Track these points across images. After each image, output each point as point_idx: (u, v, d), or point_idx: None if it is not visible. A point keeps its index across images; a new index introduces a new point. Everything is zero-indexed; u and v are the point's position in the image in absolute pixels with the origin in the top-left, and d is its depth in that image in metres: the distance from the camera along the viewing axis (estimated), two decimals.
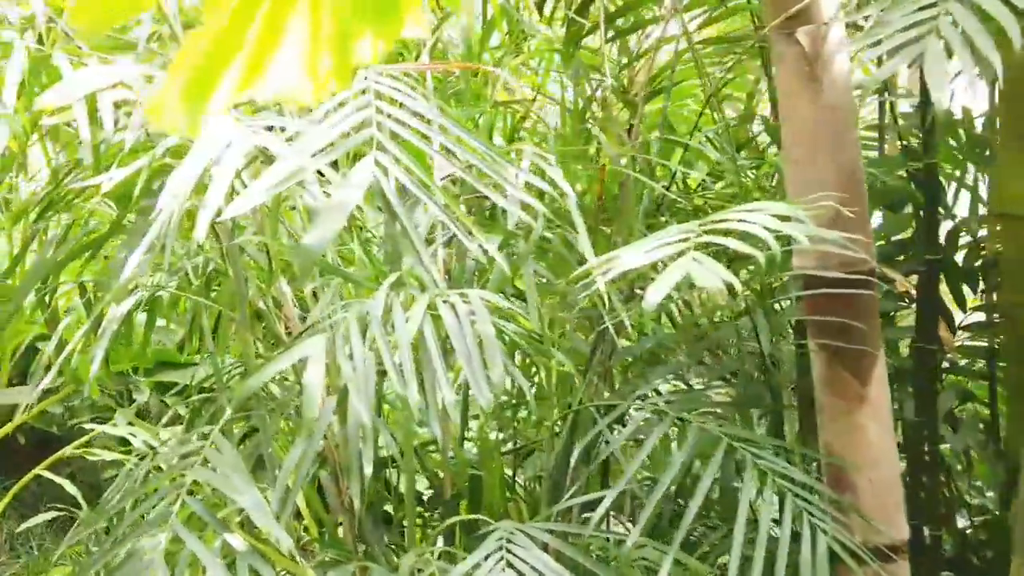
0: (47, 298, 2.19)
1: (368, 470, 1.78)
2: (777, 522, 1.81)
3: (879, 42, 1.66)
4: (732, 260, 2.06)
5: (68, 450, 4.16)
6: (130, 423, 3.00)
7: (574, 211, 1.89)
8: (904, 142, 2.56)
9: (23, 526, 4.25)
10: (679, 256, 1.57)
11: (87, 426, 4.25)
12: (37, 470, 4.56)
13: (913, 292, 2.48)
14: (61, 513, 4.20)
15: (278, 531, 1.68)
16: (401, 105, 1.60)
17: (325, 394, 1.82)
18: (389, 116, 1.61)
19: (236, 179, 1.74)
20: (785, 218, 1.62)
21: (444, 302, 1.73)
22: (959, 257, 2.61)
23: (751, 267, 2.24)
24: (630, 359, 2.29)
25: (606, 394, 2.24)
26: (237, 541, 1.73)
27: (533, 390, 2.41)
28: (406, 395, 1.67)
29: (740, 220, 1.56)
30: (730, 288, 1.43)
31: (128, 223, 2.16)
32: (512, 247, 2.06)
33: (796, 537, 1.79)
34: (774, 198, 2.29)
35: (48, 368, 2.01)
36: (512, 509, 2.45)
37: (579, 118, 2.63)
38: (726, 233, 1.55)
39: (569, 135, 2.58)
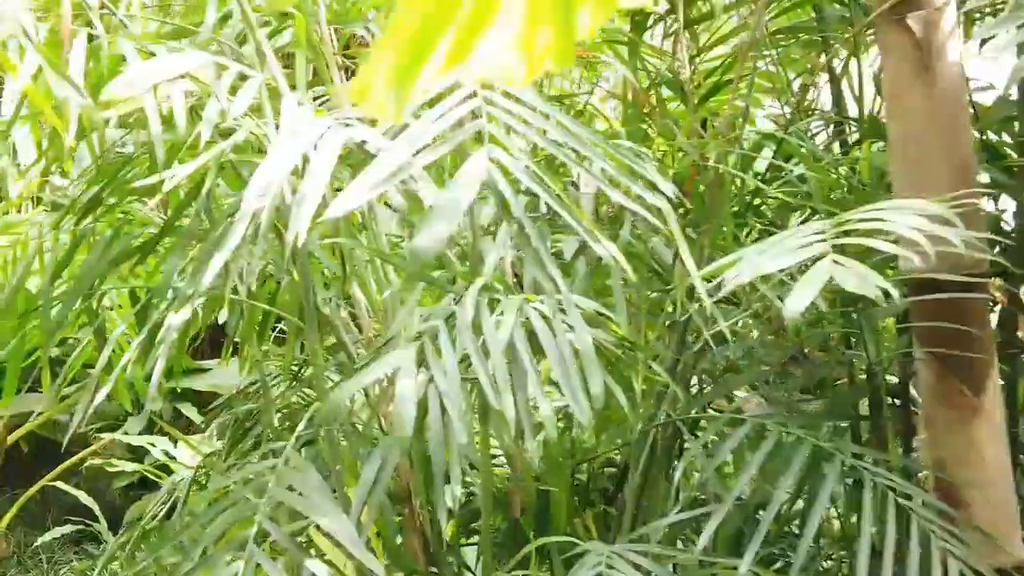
0: (94, 306, 2.04)
1: (457, 491, 1.65)
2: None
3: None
4: None
5: (83, 455, 4.00)
6: (168, 436, 2.87)
7: (668, 212, 1.76)
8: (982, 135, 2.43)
9: (39, 541, 4.09)
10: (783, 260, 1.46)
11: (103, 435, 4.09)
12: (46, 479, 4.40)
13: (997, 295, 2.36)
14: (77, 527, 4.04)
15: (368, 558, 1.55)
16: (517, 98, 1.46)
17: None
18: (490, 103, 1.48)
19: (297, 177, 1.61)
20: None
21: (535, 309, 1.61)
22: None
23: None
24: (710, 366, 2.16)
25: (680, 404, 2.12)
26: (320, 568, 1.59)
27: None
28: (500, 408, 1.55)
29: (878, 219, 1.44)
30: (890, 291, 1.31)
31: (180, 226, 2.03)
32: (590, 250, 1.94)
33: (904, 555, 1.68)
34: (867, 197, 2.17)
35: (99, 384, 1.86)
36: (578, 525, 2.32)
37: (639, 114, 2.51)
38: (863, 233, 1.43)
39: (630, 131, 2.46)
